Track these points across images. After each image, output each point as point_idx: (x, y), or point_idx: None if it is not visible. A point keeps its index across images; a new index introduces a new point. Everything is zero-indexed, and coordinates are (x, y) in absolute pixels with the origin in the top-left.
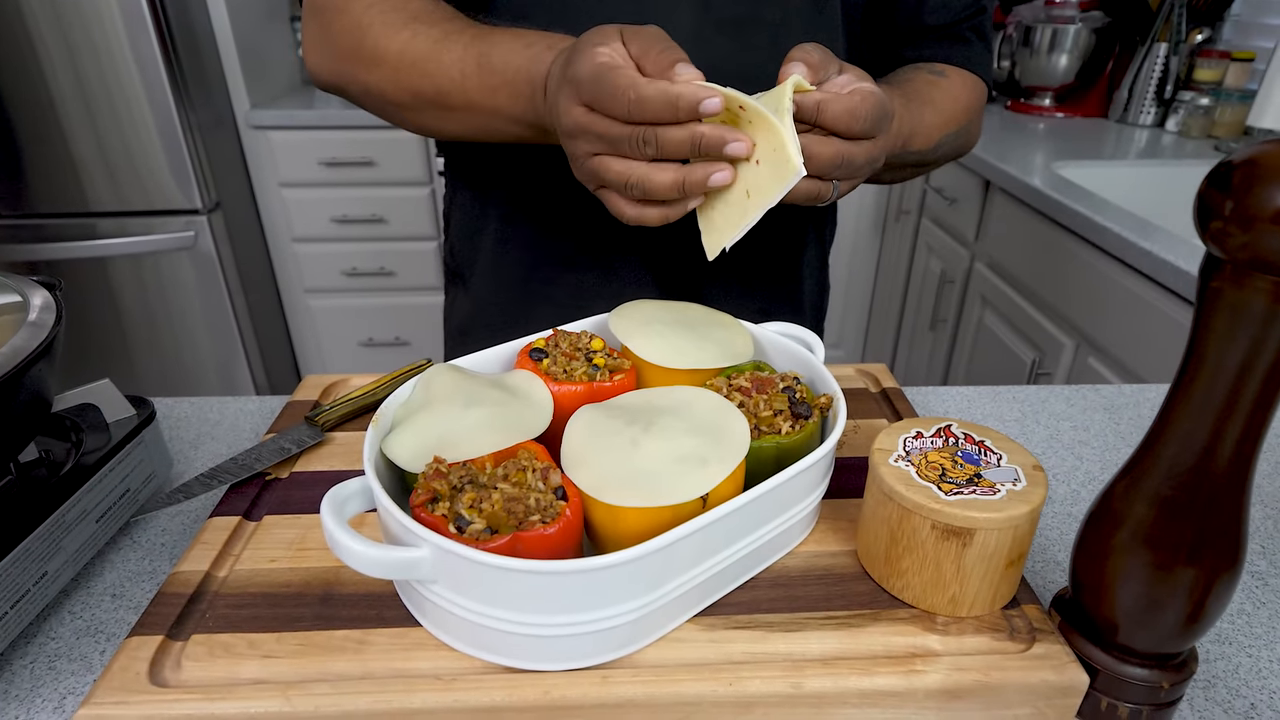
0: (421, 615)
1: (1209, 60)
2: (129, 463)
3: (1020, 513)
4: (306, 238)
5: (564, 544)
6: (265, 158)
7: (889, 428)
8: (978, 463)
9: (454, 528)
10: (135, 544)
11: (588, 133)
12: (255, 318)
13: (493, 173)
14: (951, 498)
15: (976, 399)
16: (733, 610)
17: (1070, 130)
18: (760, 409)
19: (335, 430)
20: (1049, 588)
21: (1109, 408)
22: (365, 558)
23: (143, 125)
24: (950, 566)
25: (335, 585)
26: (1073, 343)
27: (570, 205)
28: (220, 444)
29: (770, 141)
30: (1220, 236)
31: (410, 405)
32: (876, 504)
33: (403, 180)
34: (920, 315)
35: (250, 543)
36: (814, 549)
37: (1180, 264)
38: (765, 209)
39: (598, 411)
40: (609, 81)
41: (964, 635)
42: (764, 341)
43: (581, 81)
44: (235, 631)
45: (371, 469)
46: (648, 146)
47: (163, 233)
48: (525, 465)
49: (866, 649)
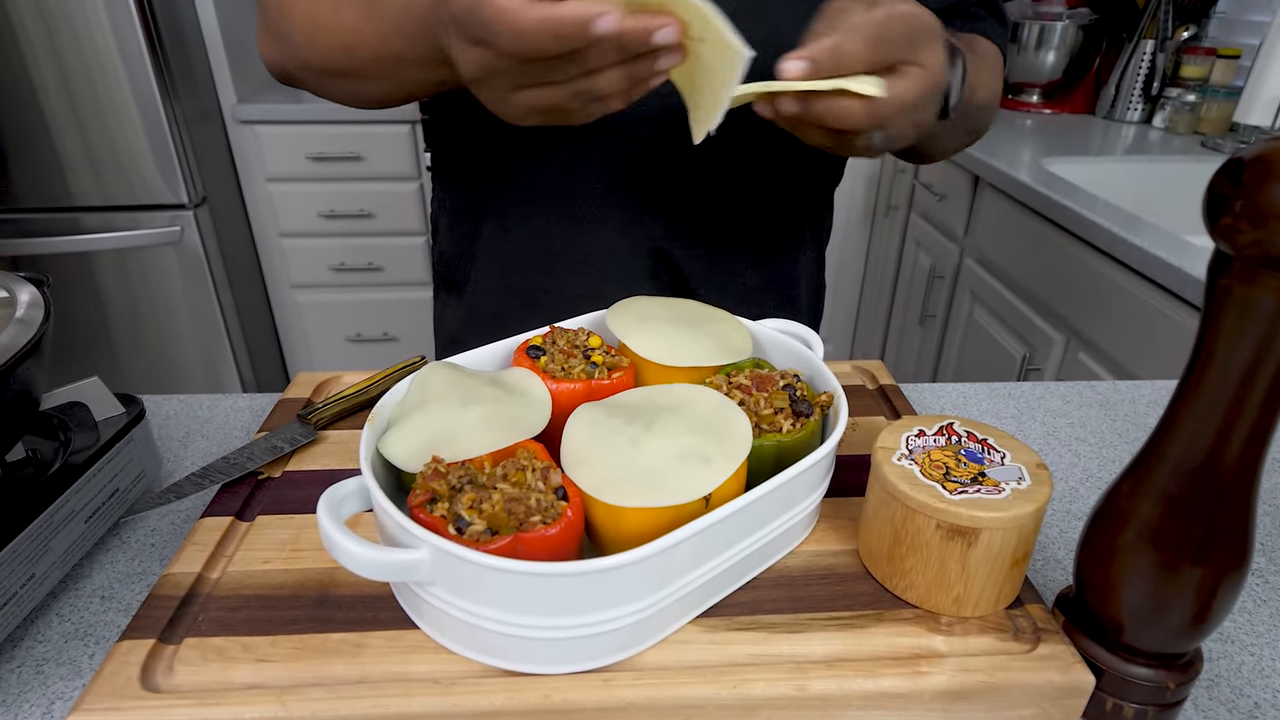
0: (419, 617)
1: (1195, 57)
2: (118, 462)
3: (1026, 512)
4: (294, 233)
5: (565, 545)
6: (252, 152)
7: (891, 426)
8: (981, 461)
9: (453, 529)
10: (125, 545)
11: (495, 74)
12: (242, 313)
13: (485, 178)
14: (956, 497)
15: (973, 395)
16: (735, 611)
17: (1058, 126)
18: (760, 407)
19: (328, 429)
20: (1050, 586)
21: (1104, 404)
22: (363, 560)
23: (128, 119)
24: (955, 566)
25: (330, 587)
26: (1063, 338)
27: (566, 213)
28: (211, 442)
29: (702, 22)
30: (1230, 233)
31: (406, 404)
32: (879, 503)
33: (391, 175)
34: (909, 310)
35: (243, 544)
36: (815, 548)
37: (1171, 260)
38: (730, 94)
39: (597, 410)
40: (482, 16)
41: (969, 636)
42: (762, 338)
43: (460, 20)
44: (229, 634)
45: (368, 468)
46: (564, 72)
47: (148, 228)
48: (525, 465)
49: (871, 650)
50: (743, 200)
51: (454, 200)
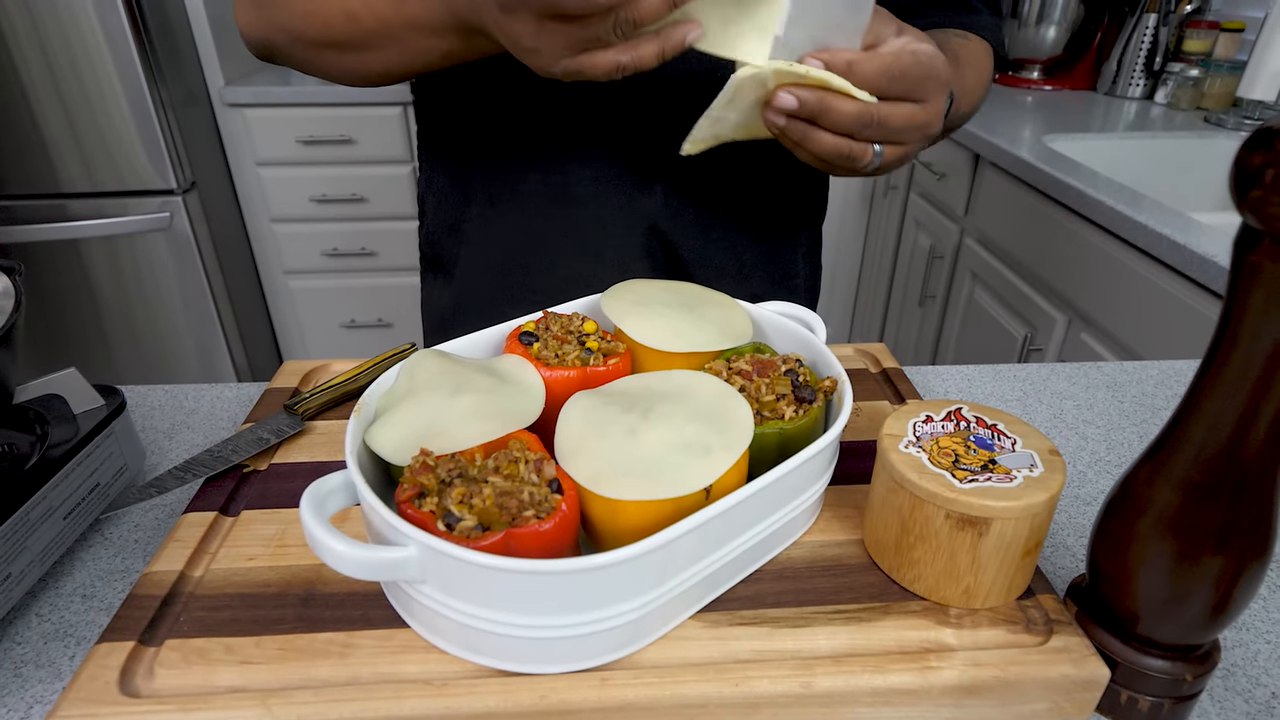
0: (409, 616)
1: (1198, 31)
2: (98, 456)
3: (1039, 501)
4: (285, 218)
5: (560, 540)
6: (241, 136)
7: (896, 411)
8: (991, 448)
9: (443, 525)
10: (106, 541)
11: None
12: (234, 300)
13: (474, 154)
14: (967, 485)
15: (977, 378)
16: (737, 605)
17: (1059, 103)
18: (762, 393)
19: (316, 419)
20: (1060, 574)
21: (1111, 385)
22: (349, 559)
23: (113, 102)
24: (965, 557)
25: (317, 584)
26: (1065, 318)
27: (561, 190)
28: (196, 434)
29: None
30: (1259, 206)
31: (394, 393)
32: (887, 492)
33: (383, 158)
34: (909, 291)
35: (227, 540)
36: (819, 538)
37: (1176, 237)
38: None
39: (593, 398)
40: None
41: (979, 628)
42: (763, 322)
43: None
44: (212, 636)
45: (354, 462)
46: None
47: (137, 214)
48: (517, 457)
49: (879, 644)
50: (740, 174)
51: (442, 178)
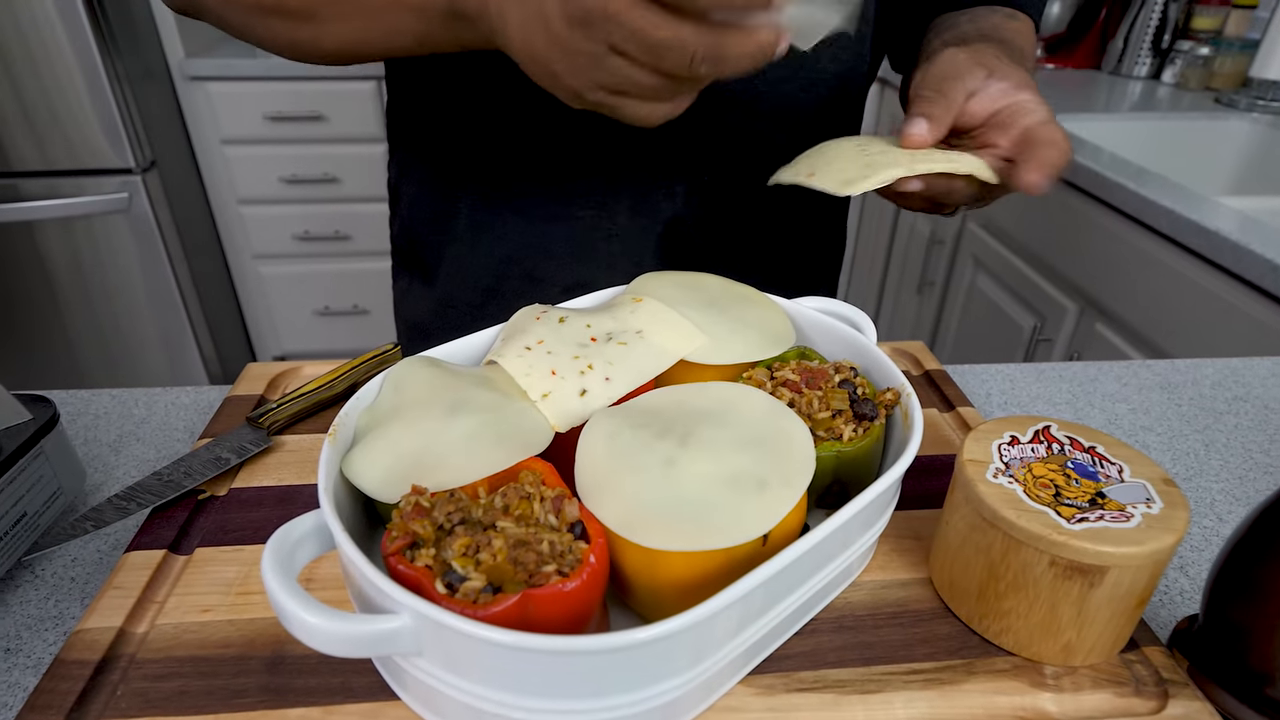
0: (401, 688)
1: (1208, 7)
2: (23, 481)
3: (1164, 546)
4: (253, 199)
5: (588, 600)
6: (204, 112)
7: (975, 432)
8: (1095, 477)
9: (443, 585)
10: (37, 580)
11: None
12: (200, 287)
13: (465, 143)
14: (1076, 527)
15: (1019, 378)
16: (793, 665)
17: (1062, 83)
18: (814, 409)
19: (284, 433)
20: (1152, 615)
21: (1166, 386)
22: (324, 634)
23: (65, 76)
24: (1069, 610)
25: (288, 644)
26: (1076, 307)
27: (568, 187)
28: (147, 447)
29: None
30: None
31: (377, 410)
32: (970, 529)
33: (356, 136)
34: (906, 277)
35: (178, 586)
36: (879, 577)
37: (1204, 223)
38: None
39: (618, 418)
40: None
41: (1080, 691)
42: (802, 321)
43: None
44: (157, 715)
45: (329, 502)
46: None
47: (94, 194)
48: (530, 493)
49: (966, 712)
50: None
51: (424, 168)
